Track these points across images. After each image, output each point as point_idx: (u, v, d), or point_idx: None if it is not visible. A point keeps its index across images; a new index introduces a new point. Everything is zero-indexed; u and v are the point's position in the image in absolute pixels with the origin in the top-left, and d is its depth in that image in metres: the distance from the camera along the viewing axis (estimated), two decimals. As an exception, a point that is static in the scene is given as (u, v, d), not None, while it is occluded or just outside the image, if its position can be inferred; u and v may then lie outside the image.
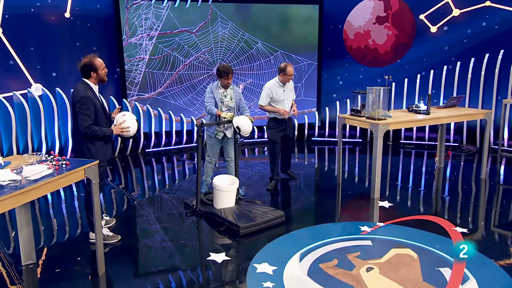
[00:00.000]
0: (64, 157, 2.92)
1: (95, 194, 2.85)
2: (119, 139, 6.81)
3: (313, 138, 8.06)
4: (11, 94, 5.90)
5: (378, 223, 3.99)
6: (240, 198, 4.45)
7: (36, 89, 6.06)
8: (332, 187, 5.24)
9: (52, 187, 2.55)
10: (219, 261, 3.30)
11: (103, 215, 3.97)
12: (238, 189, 4.33)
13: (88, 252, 3.50)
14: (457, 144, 7.17)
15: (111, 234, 3.68)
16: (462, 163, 6.33)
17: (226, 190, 4.12)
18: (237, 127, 4.22)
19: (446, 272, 3.08)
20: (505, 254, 3.37)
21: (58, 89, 6.15)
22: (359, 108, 4.91)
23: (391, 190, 5.18)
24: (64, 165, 2.78)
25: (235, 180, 4.28)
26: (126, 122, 3.57)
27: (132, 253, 3.57)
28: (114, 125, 3.59)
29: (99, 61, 3.43)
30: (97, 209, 2.91)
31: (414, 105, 5.18)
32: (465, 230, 3.80)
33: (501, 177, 5.62)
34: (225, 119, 4.30)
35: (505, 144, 6.80)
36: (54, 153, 2.96)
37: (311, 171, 6.28)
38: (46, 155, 2.90)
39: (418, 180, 5.60)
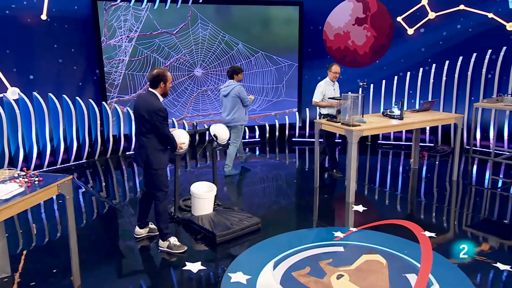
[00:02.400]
0: (37, 173, 2.93)
1: (68, 208, 2.88)
2: (99, 141, 6.79)
3: (293, 139, 8.17)
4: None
5: (351, 228, 4.12)
6: (218, 204, 4.52)
7: (13, 93, 5.98)
8: (309, 190, 5.35)
9: (24, 205, 2.57)
10: (195, 271, 3.37)
11: (149, 223, 3.99)
12: (216, 195, 4.40)
13: (64, 264, 3.49)
14: (432, 145, 7.36)
15: (178, 243, 3.69)
16: (436, 164, 6.52)
17: (203, 197, 4.19)
18: (214, 135, 4.28)
19: (412, 278, 3.22)
20: (468, 258, 3.52)
21: (35, 93, 6.08)
22: (335, 114, 5.01)
23: (366, 193, 5.32)
24: (36, 182, 2.80)
25: (213, 187, 4.34)
26: (181, 138, 3.76)
27: (108, 263, 3.59)
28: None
29: (169, 75, 3.57)
30: (72, 224, 2.94)
31: (388, 110, 5.31)
32: (433, 234, 3.96)
33: (472, 178, 5.82)
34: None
35: (478, 145, 7.02)
36: (30, 163, 2.98)
37: (290, 173, 6.37)
38: (19, 172, 2.90)
39: (393, 182, 5.76)
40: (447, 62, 7.26)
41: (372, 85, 7.85)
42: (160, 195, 3.64)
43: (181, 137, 3.77)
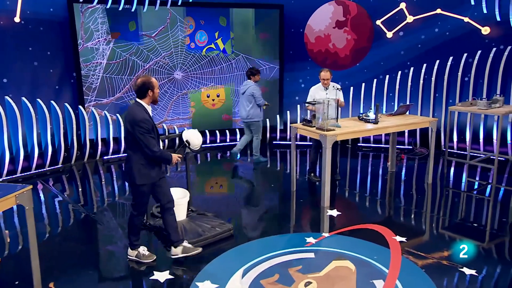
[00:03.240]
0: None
1: (28, 219, 2.83)
2: (75, 146, 6.70)
3: (274, 142, 8.16)
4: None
5: (323, 234, 4.12)
6: (192, 210, 4.49)
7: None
8: (285, 195, 5.35)
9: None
10: (162, 280, 3.34)
11: (184, 240, 3.74)
12: (189, 202, 4.37)
13: (26, 276, 3.26)
14: (411, 147, 7.42)
15: (147, 253, 3.65)
16: (413, 167, 6.58)
17: (175, 203, 4.14)
18: (186, 141, 4.24)
19: (379, 284, 3.23)
20: (436, 263, 3.56)
21: (7, 97, 5.97)
22: (309, 119, 5.02)
23: (342, 197, 5.34)
24: (-5, 192, 2.74)
25: (186, 193, 4.31)
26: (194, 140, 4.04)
27: (73, 272, 3.49)
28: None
29: (154, 80, 3.43)
30: (32, 235, 2.88)
31: (364, 114, 5.33)
32: (404, 239, 3.98)
33: (449, 181, 5.89)
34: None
35: (455, 147, 7.10)
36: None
37: (268, 176, 6.37)
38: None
39: (370, 185, 5.78)
40: (424, 65, 7.33)
41: (352, 88, 7.89)
42: (136, 211, 3.59)
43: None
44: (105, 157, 6.95)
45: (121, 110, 7.23)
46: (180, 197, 4.25)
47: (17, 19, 6.17)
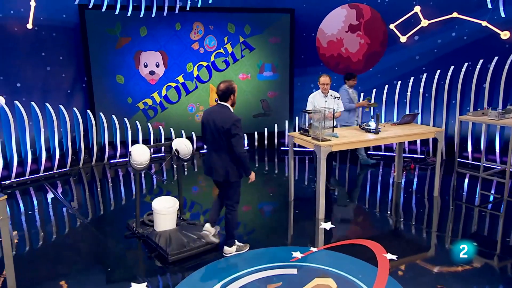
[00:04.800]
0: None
1: (2, 228, 2.88)
2: (83, 149, 6.85)
3: (282, 148, 8.05)
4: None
5: (311, 248, 4.00)
6: (183, 219, 4.47)
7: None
8: (282, 205, 5.23)
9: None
10: (138, 292, 3.34)
11: (235, 241, 3.98)
12: (178, 210, 4.36)
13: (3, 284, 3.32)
14: (423, 156, 7.13)
15: (241, 244, 3.98)
16: (423, 178, 6.30)
17: (163, 212, 4.15)
18: (175, 150, 4.23)
19: (358, 307, 3.10)
20: (423, 285, 3.37)
21: (16, 102, 6.16)
22: (307, 127, 4.90)
23: (340, 208, 5.18)
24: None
25: (175, 202, 4.29)
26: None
27: (50, 281, 3.49)
28: None
29: (235, 85, 3.69)
30: (7, 246, 2.93)
31: (365, 123, 5.15)
32: (394, 257, 3.81)
33: (455, 194, 5.56)
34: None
35: (470, 157, 6.76)
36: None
37: (270, 184, 6.25)
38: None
39: (372, 196, 5.58)
40: (438, 71, 7.03)
41: (362, 94, 7.68)
42: (234, 205, 3.83)
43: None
44: (112, 161, 7.07)
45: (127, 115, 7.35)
46: (168, 206, 4.23)
47: (29, 26, 6.36)
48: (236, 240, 3.96)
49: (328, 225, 4.53)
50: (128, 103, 7.32)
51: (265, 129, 8.16)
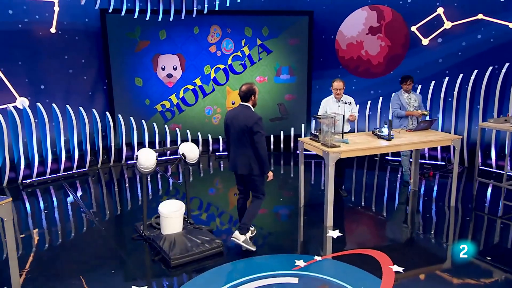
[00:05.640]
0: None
1: (8, 231, 2.99)
2: (101, 150, 7.03)
3: (298, 152, 7.95)
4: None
5: (315, 257, 3.93)
6: (190, 223, 4.50)
7: (21, 103, 6.34)
8: (291, 211, 5.17)
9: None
10: (138, 296, 3.37)
11: (250, 228, 4.26)
12: (185, 215, 4.39)
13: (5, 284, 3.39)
14: (443, 163, 6.87)
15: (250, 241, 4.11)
16: (442, 186, 6.07)
17: (169, 216, 4.18)
18: (182, 154, 4.26)
19: (356, 321, 3.01)
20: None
21: (38, 104, 6.40)
22: (317, 133, 4.82)
23: (350, 216, 5.07)
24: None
25: (181, 206, 4.32)
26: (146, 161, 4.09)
27: (52, 283, 3.54)
28: None
29: (256, 87, 3.95)
30: (11, 247, 3.03)
31: (377, 129, 5.02)
32: (401, 269, 3.68)
33: (474, 204, 5.32)
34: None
35: (493, 165, 6.47)
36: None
37: (283, 189, 6.19)
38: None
39: (386, 204, 5.43)
40: (461, 75, 6.77)
41: (381, 98, 7.49)
42: (260, 196, 4.06)
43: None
44: (129, 162, 7.22)
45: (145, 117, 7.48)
46: (175, 209, 4.27)
47: (53, 30, 6.58)
48: (249, 232, 4.13)
49: (335, 233, 4.44)
50: (146, 105, 7.46)
51: (281, 132, 8.10)
